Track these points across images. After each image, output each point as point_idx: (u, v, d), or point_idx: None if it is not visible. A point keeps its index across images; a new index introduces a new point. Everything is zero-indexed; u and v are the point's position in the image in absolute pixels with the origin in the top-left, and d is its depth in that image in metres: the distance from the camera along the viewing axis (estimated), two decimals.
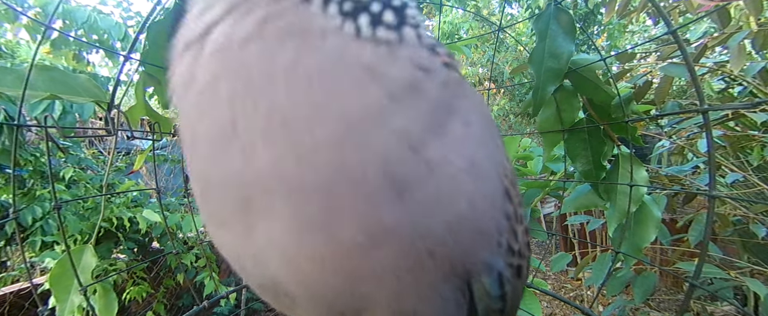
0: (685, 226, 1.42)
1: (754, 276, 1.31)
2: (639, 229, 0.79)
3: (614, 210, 0.78)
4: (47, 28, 0.58)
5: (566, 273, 3.03)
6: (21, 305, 1.90)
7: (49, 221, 2.06)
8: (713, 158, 0.55)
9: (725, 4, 1.07)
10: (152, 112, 0.81)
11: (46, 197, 2.14)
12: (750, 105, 0.96)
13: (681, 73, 1.05)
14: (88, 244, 0.66)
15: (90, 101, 0.64)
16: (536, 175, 1.36)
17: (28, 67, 0.54)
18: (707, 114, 0.55)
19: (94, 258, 0.64)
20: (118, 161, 2.90)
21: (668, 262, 1.76)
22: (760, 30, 1.10)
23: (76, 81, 0.63)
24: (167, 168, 3.19)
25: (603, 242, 2.41)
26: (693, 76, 0.56)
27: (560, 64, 0.71)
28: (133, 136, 0.74)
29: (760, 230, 1.27)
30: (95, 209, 2.13)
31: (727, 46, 1.14)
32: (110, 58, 2.92)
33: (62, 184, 2.20)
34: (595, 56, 0.76)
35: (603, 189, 0.82)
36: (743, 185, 1.42)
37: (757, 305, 1.29)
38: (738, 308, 1.28)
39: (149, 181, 3.33)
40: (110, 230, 2.10)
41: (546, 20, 0.73)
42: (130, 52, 0.67)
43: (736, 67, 1.11)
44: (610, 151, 0.82)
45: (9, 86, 0.56)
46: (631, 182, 0.74)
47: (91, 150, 3.31)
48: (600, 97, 0.77)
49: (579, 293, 2.74)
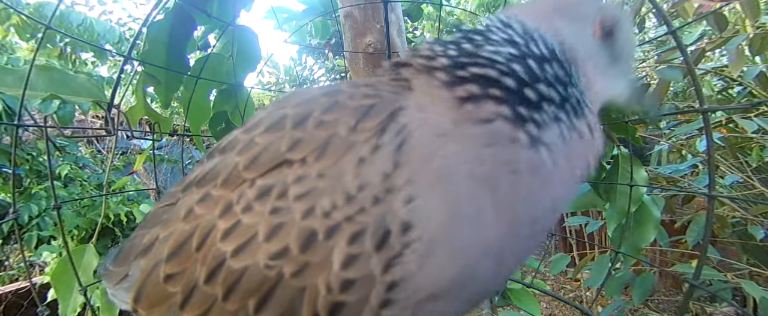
0: (684, 227, 1.42)
1: (753, 278, 1.31)
2: (638, 229, 0.79)
3: (614, 210, 0.79)
4: (47, 28, 0.58)
5: (565, 274, 3.04)
6: (19, 304, 1.90)
7: (45, 218, 2.06)
8: (712, 159, 0.55)
9: (725, 4, 1.07)
10: (152, 112, 0.81)
11: (42, 195, 2.14)
12: (750, 105, 0.96)
13: (677, 76, 1.05)
14: (89, 243, 0.66)
15: (89, 101, 0.64)
16: None
17: (28, 68, 0.54)
18: (707, 115, 0.55)
19: (96, 258, 0.64)
20: (116, 161, 2.90)
21: (667, 263, 1.76)
22: (757, 34, 1.11)
23: (76, 81, 0.63)
24: (166, 168, 3.19)
25: (602, 243, 2.41)
26: (693, 76, 0.56)
27: None
28: (133, 136, 0.74)
29: (758, 232, 1.28)
30: (92, 205, 2.14)
31: (725, 49, 1.15)
32: (100, 60, 2.94)
33: (58, 182, 2.20)
34: None
35: (603, 189, 0.82)
36: (742, 186, 1.42)
37: (756, 305, 1.29)
38: (737, 309, 1.28)
39: (147, 180, 3.32)
40: (107, 225, 2.10)
41: None
42: (130, 53, 0.67)
43: (736, 70, 1.11)
44: (609, 151, 0.82)
45: (9, 86, 0.56)
46: (630, 182, 0.74)
47: (89, 149, 3.31)
48: None
49: (578, 294, 2.74)
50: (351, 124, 0.27)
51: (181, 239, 0.30)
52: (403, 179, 0.25)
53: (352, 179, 0.25)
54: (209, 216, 0.29)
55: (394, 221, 0.24)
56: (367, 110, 0.27)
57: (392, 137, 0.26)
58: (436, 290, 0.25)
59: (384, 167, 0.25)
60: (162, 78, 0.77)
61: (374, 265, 0.24)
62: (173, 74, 0.77)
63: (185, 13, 0.75)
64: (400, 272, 0.24)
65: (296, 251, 0.25)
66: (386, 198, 0.24)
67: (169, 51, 0.75)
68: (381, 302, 0.25)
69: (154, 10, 0.71)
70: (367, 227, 0.24)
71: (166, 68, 0.75)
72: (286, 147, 0.28)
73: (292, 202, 0.26)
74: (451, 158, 0.26)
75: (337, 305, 0.25)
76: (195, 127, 0.90)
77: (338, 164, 0.26)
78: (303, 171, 0.26)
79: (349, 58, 1.10)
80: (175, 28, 0.74)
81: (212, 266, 0.27)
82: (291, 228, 0.25)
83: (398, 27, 1.09)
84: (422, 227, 0.24)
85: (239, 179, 0.29)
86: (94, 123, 3.41)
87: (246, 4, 0.86)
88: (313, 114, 0.28)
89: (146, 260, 0.32)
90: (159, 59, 0.74)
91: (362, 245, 0.24)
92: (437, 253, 0.25)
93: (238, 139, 0.31)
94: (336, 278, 0.24)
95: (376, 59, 1.06)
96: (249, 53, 0.87)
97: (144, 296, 0.31)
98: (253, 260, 0.26)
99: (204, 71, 0.83)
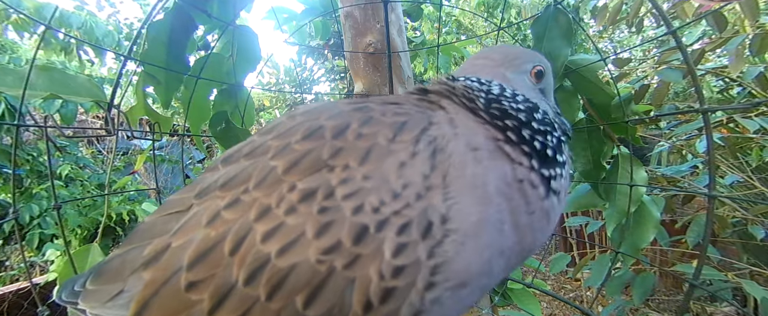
0: (684, 227, 1.42)
1: (754, 278, 1.31)
2: (638, 229, 0.79)
3: (613, 210, 0.79)
4: (47, 28, 0.58)
5: (565, 273, 3.03)
6: (20, 304, 1.90)
7: (46, 218, 2.07)
8: (713, 159, 0.55)
9: (725, 4, 1.07)
10: (152, 112, 0.81)
11: (43, 195, 2.15)
12: (749, 105, 0.96)
13: (677, 77, 1.05)
14: (93, 243, 0.66)
15: (89, 101, 0.64)
16: None
17: (29, 68, 0.54)
18: (707, 115, 0.55)
19: (101, 256, 0.65)
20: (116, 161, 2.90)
21: (667, 263, 1.76)
22: (757, 34, 1.11)
23: (76, 81, 0.64)
24: (166, 168, 3.19)
25: (602, 243, 2.41)
26: (694, 77, 0.56)
27: (557, 66, 0.72)
28: (133, 136, 0.74)
29: (758, 232, 1.28)
30: (93, 205, 2.15)
31: (725, 49, 1.15)
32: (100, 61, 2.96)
33: (59, 181, 2.21)
34: (594, 56, 0.76)
35: (603, 189, 0.82)
36: (742, 186, 1.42)
37: (756, 305, 1.29)
38: (737, 309, 1.28)
39: (148, 180, 3.33)
40: (109, 225, 2.11)
41: (544, 22, 0.73)
42: (130, 53, 0.67)
43: (736, 70, 1.11)
44: (609, 151, 0.82)
45: (9, 86, 0.56)
46: (630, 182, 0.74)
47: (90, 150, 3.31)
48: (600, 97, 0.77)
49: (578, 294, 2.74)
50: (389, 136, 0.31)
51: (207, 245, 0.30)
52: (439, 179, 0.29)
53: (395, 179, 0.29)
54: (243, 220, 0.30)
55: (435, 214, 0.28)
56: (402, 125, 0.32)
57: (426, 146, 0.30)
58: (466, 278, 0.29)
59: (423, 169, 0.29)
60: (162, 78, 0.77)
61: (421, 251, 0.28)
62: (173, 74, 0.77)
63: (185, 13, 0.75)
64: (441, 257, 0.28)
65: (349, 244, 0.28)
66: (427, 195, 0.28)
67: (169, 51, 0.75)
68: (426, 285, 0.28)
69: (154, 10, 0.71)
70: (412, 219, 0.28)
71: (166, 68, 0.75)
72: (328, 154, 0.31)
73: (341, 201, 0.29)
74: (486, 169, 0.31)
75: (389, 290, 0.27)
76: (195, 127, 0.90)
77: (381, 167, 0.29)
78: (347, 174, 0.29)
79: (349, 58, 1.11)
80: (175, 28, 0.74)
81: (253, 267, 0.28)
82: (342, 224, 0.28)
83: (398, 27, 1.09)
84: (458, 221, 0.29)
85: (277, 182, 0.31)
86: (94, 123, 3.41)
87: (246, 4, 0.86)
88: (351, 126, 0.32)
89: (153, 271, 0.31)
90: (159, 59, 0.74)
91: (410, 235, 0.28)
92: (468, 244, 0.29)
93: (268, 145, 0.33)
94: (388, 265, 0.27)
95: (376, 59, 1.06)
96: (249, 53, 0.87)
97: (152, 307, 0.31)
98: (303, 257, 0.28)
99: (204, 71, 0.83)
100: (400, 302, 0.28)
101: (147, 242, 0.34)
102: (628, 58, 1.44)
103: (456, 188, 0.29)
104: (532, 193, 0.33)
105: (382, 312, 0.28)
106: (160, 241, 0.33)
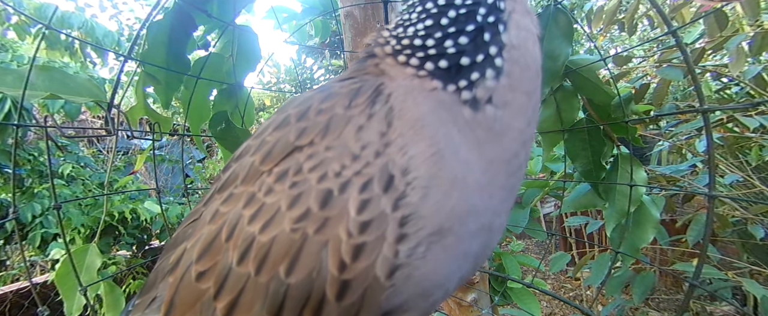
0: (684, 226, 1.43)
1: (753, 276, 1.31)
2: (637, 229, 0.79)
3: (613, 210, 0.79)
4: (47, 28, 0.58)
5: (565, 273, 3.04)
6: (21, 304, 1.90)
7: (48, 217, 2.07)
8: (713, 158, 0.55)
9: (725, 4, 1.07)
10: (152, 112, 0.81)
11: (44, 194, 2.15)
12: (749, 105, 0.96)
13: (677, 76, 1.05)
14: (92, 243, 0.66)
15: (89, 101, 0.64)
16: (536, 174, 1.36)
17: (28, 68, 0.54)
18: (707, 114, 0.55)
19: (99, 257, 0.65)
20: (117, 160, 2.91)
21: (667, 262, 1.76)
22: (757, 33, 1.11)
23: (76, 81, 0.64)
24: (166, 168, 3.19)
25: (602, 242, 2.41)
26: (693, 76, 0.56)
27: (557, 66, 0.72)
28: (133, 136, 0.74)
29: (758, 231, 1.28)
30: (95, 204, 2.16)
31: (725, 48, 1.14)
32: (101, 62, 2.97)
33: (61, 180, 2.21)
34: (594, 56, 0.76)
35: (602, 189, 0.82)
36: (742, 185, 1.42)
37: (756, 304, 1.29)
38: (737, 308, 1.28)
39: (148, 180, 3.33)
40: (111, 223, 2.12)
41: (544, 22, 0.73)
42: (130, 53, 0.67)
43: (736, 70, 1.11)
44: (609, 151, 0.82)
45: (9, 86, 0.56)
46: (630, 182, 0.74)
47: (91, 149, 3.31)
48: (600, 97, 0.77)
49: (578, 293, 2.74)
50: (346, 104, 0.32)
51: (209, 238, 0.32)
52: (396, 133, 0.30)
53: (354, 143, 0.30)
54: (234, 210, 0.32)
55: (395, 167, 0.29)
56: (356, 91, 0.33)
57: (381, 105, 0.32)
58: (441, 223, 0.30)
59: (380, 127, 0.30)
60: (162, 78, 0.77)
61: (384, 204, 0.29)
62: (173, 74, 0.77)
63: (185, 13, 0.75)
64: (408, 207, 0.29)
65: (316, 210, 0.29)
66: (386, 151, 0.30)
67: (169, 51, 0.75)
68: (397, 237, 0.28)
69: (154, 10, 0.71)
70: (374, 176, 0.29)
71: (166, 68, 0.75)
72: (294, 137, 0.32)
73: (307, 173, 0.30)
74: (423, 107, 0.32)
75: (359, 246, 0.28)
76: (195, 127, 0.90)
77: (341, 135, 0.31)
78: (312, 150, 0.31)
79: (349, 57, 1.10)
80: (175, 28, 0.74)
81: (243, 248, 0.30)
82: (309, 193, 0.30)
83: None
84: (417, 168, 0.29)
85: (257, 173, 0.33)
86: (95, 123, 3.41)
87: (246, 4, 0.86)
88: (312, 106, 0.33)
89: (174, 275, 0.34)
90: (159, 59, 0.74)
91: (371, 191, 0.29)
92: (433, 187, 0.29)
93: (249, 145, 0.35)
94: (353, 222, 0.28)
95: None
96: (249, 53, 0.88)
97: (176, 304, 0.33)
98: (280, 229, 0.29)
99: (204, 71, 0.83)
100: (373, 258, 0.28)
101: (172, 252, 0.36)
102: (628, 56, 1.44)
103: (409, 136, 0.30)
104: (467, 112, 0.32)
105: (357, 269, 0.28)
106: (181, 247, 0.35)
